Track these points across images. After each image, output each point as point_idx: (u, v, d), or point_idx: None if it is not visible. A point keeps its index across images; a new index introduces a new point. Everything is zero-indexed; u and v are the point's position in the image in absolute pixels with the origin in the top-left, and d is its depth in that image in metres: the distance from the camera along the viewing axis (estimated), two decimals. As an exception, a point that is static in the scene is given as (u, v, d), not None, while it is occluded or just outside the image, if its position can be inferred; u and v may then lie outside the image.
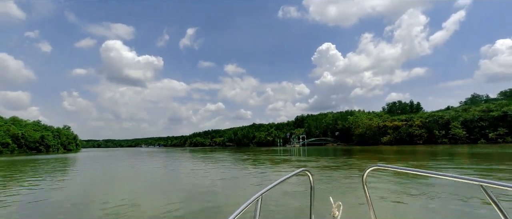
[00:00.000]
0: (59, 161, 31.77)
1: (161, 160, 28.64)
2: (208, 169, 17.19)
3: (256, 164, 20.58)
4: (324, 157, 28.77)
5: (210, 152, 51.12)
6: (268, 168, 18.04)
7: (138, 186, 11.08)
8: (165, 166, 21.23)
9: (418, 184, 9.27)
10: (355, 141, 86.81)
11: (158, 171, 17.19)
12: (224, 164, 21.48)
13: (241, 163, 22.22)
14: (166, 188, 10.62)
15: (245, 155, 37.67)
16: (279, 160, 25.79)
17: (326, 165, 18.47)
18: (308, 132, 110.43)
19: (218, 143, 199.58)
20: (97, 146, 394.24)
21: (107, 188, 11.08)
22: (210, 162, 23.29)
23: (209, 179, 12.40)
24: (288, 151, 51.64)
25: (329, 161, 21.49)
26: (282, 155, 35.88)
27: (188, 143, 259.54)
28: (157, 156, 38.32)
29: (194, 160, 27.27)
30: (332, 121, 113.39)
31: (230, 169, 16.96)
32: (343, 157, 26.70)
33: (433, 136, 60.50)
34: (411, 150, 38.75)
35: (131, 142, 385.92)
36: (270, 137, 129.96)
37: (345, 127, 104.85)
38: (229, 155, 36.50)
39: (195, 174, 14.87)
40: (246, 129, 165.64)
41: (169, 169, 18.61)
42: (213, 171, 16.00)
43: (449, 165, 16.65)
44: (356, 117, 78.62)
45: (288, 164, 20.36)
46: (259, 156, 33.03)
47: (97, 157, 39.51)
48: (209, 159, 28.23)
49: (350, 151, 43.70)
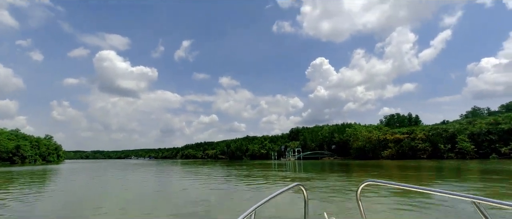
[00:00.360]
0: (23, 174, 27.97)
1: (144, 174, 26.76)
2: (191, 187, 15.13)
3: (247, 181, 18.21)
4: (324, 172, 26.28)
5: (200, 166, 47.80)
6: (262, 185, 15.37)
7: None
8: (143, 181, 19.59)
9: (411, 200, 9.33)
10: (353, 155, 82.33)
11: (133, 187, 15.47)
12: (210, 179, 20.24)
13: (230, 180, 20.41)
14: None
15: (236, 169, 34.64)
16: (275, 177, 22.19)
17: (329, 184, 15.16)
18: (303, 145, 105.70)
19: (210, 156, 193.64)
20: (85, 157, 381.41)
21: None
22: (193, 178, 21.62)
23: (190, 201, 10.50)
24: (283, 165, 47.77)
25: (330, 178, 18.98)
26: (276, 170, 32.35)
27: (179, 156, 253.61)
28: (141, 169, 36.12)
29: (174, 175, 25.51)
30: (329, 134, 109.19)
31: (218, 184, 15.85)
32: (343, 173, 24.38)
33: (438, 150, 56.51)
34: (415, 165, 35.35)
35: (121, 154, 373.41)
36: (264, 150, 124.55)
37: (342, 140, 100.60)
38: (219, 169, 34.63)
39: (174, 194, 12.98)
40: (239, 142, 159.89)
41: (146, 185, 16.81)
42: (194, 192, 13.40)
43: (469, 184, 13.93)
44: (354, 130, 74.53)
45: (284, 182, 16.94)
46: (252, 171, 29.93)
47: (73, 170, 35.65)
48: (194, 174, 26.64)
49: (348, 166, 40.70)
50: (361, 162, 52.61)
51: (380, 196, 10.13)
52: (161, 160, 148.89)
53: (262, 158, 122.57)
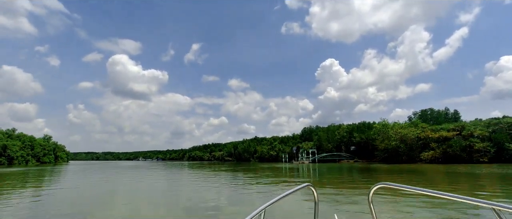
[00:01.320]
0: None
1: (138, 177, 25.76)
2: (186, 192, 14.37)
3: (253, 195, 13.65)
4: (355, 182, 18.95)
5: (206, 168, 45.43)
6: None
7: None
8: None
9: (427, 205, 9.08)
10: (379, 157, 68.57)
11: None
12: (212, 183, 19.00)
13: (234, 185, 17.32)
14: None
15: (242, 172, 32.48)
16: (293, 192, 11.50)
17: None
18: (318, 146, 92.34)
19: (217, 158, 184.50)
20: (96, 158, 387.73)
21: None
22: (196, 181, 20.39)
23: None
24: (296, 170, 39.26)
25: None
26: (289, 176, 26.04)
27: (186, 157, 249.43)
28: (138, 170, 37.03)
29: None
30: (347, 133, 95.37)
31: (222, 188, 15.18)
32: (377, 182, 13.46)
33: (505, 151, 42.23)
34: (475, 172, 24.69)
35: (130, 155, 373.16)
36: (274, 151, 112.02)
37: (363, 140, 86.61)
38: (222, 173, 33.18)
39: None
40: (247, 143, 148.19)
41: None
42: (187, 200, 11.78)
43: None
44: (383, 127, 60.63)
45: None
46: (260, 177, 25.55)
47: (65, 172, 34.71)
48: (196, 178, 25.34)
49: (378, 172, 31.98)
50: (393, 167, 39.99)
51: (393, 201, 9.89)
52: (169, 162, 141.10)
53: (271, 160, 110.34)
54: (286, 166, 58.41)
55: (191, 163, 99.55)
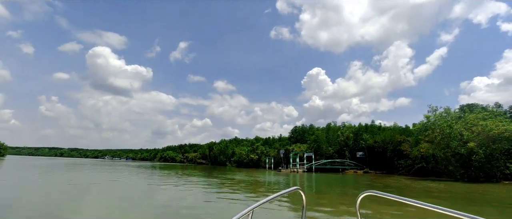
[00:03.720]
0: None
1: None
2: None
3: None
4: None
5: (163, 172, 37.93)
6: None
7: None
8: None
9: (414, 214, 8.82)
10: (414, 168, 45.15)
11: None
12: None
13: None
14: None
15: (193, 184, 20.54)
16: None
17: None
18: (315, 149, 67.84)
19: (190, 160, 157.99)
20: (60, 155, 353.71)
21: None
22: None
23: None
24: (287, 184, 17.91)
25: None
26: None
27: (158, 158, 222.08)
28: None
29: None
30: (353, 134, 71.88)
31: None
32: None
33: None
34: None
35: (98, 153, 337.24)
36: (255, 154, 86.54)
37: (377, 144, 63.34)
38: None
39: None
40: (224, 143, 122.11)
41: None
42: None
43: None
44: (440, 118, 35.74)
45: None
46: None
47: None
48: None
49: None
50: (469, 187, 16.94)
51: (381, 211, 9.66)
52: (136, 163, 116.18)
53: (251, 166, 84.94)
54: (270, 177, 34.12)
55: (155, 164, 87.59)
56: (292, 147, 77.89)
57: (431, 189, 22.23)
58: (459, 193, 19.53)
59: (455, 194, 19.40)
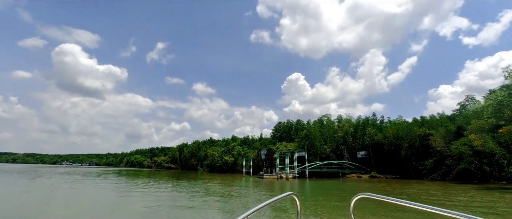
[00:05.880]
0: None
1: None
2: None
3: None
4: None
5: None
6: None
7: None
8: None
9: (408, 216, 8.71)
10: (453, 173, 31.02)
11: None
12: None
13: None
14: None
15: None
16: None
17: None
18: (308, 148, 52.18)
19: (158, 164, 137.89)
20: (12, 160, 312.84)
21: None
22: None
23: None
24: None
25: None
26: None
27: (124, 162, 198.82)
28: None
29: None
30: (354, 130, 57.44)
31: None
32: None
33: None
34: None
35: (58, 158, 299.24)
36: (230, 157, 69.36)
37: (387, 140, 49.28)
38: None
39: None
40: (196, 144, 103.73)
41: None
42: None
43: None
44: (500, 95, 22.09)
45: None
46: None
47: None
48: None
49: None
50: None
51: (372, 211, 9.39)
52: (100, 168, 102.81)
53: (226, 170, 67.90)
54: (242, 191, 17.98)
55: (119, 170, 79.33)
56: (276, 146, 61.93)
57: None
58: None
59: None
